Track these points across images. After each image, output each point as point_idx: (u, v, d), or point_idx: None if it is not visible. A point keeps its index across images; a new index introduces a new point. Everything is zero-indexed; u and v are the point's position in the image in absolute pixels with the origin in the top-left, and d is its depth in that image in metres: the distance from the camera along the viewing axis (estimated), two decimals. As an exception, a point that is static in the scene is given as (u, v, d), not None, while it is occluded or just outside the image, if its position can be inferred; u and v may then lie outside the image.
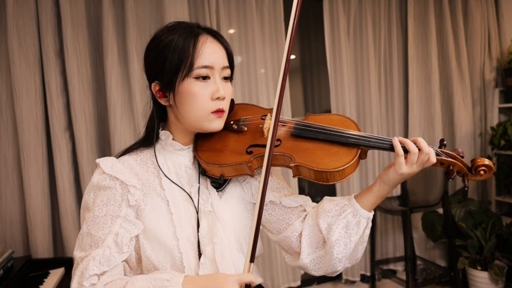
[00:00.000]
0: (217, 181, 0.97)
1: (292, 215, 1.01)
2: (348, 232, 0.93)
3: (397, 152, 0.88)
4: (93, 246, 0.86)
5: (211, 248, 0.93)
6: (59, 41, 2.18)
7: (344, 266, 0.97)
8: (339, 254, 0.93)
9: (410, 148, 0.87)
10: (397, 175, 0.89)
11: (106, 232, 0.87)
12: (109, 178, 0.91)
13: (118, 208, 0.90)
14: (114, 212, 0.90)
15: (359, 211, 0.93)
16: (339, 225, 0.93)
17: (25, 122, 2.11)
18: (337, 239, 0.92)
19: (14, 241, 2.16)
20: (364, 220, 0.93)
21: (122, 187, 0.91)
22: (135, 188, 0.92)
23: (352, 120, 0.97)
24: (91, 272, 0.82)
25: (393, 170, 0.90)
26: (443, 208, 2.66)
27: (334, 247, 0.92)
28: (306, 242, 0.98)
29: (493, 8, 3.14)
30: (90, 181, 0.94)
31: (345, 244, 0.93)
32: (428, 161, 0.88)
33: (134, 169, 0.96)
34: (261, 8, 2.64)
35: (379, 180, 0.93)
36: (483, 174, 0.89)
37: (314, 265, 0.98)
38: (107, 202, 0.90)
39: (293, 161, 0.90)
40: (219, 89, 0.92)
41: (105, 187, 0.91)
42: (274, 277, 2.75)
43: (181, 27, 0.94)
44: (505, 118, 3.11)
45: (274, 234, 1.04)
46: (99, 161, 0.94)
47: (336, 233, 0.92)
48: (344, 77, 2.81)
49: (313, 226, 0.97)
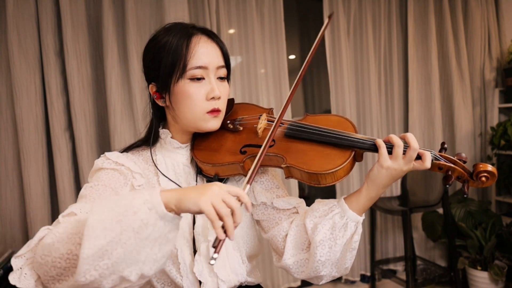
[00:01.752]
0: (212, 181, 0.97)
1: (282, 215, 1.01)
2: (334, 234, 0.89)
3: (378, 144, 0.86)
4: (83, 202, 0.84)
5: (206, 245, 0.93)
6: (59, 41, 2.18)
7: (330, 273, 0.93)
8: (322, 256, 0.89)
9: (394, 141, 0.85)
10: (383, 169, 0.86)
11: (101, 197, 0.86)
12: (115, 163, 0.93)
13: (120, 187, 0.90)
14: (116, 188, 0.89)
15: (346, 212, 0.89)
16: (325, 225, 0.90)
17: (25, 122, 2.11)
18: (321, 240, 0.89)
19: (14, 241, 2.15)
20: (352, 223, 0.89)
21: (128, 171, 0.93)
22: (140, 176, 0.94)
23: (350, 121, 0.96)
24: (72, 209, 0.79)
25: (378, 164, 0.87)
26: (443, 208, 2.66)
27: (318, 247, 0.89)
28: (291, 242, 0.96)
29: (493, 8, 3.14)
30: (94, 164, 0.95)
31: (329, 247, 0.89)
32: (422, 163, 0.84)
33: (136, 164, 0.98)
34: (261, 8, 2.64)
35: (367, 179, 0.90)
36: (485, 181, 0.84)
37: (297, 267, 0.96)
38: (111, 177, 0.91)
39: (284, 162, 0.89)
40: (214, 89, 0.92)
41: (110, 168, 0.92)
42: (274, 277, 2.75)
43: (177, 28, 0.94)
44: (505, 118, 3.11)
45: (264, 232, 1.04)
46: (104, 153, 0.96)
47: (321, 234, 0.89)
48: (344, 77, 2.81)
49: (299, 226, 0.96)
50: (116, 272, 0.65)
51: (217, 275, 0.93)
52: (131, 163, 0.95)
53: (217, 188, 0.68)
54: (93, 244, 0.63)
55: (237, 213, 0.67)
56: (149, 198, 0.66)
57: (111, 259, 0.64)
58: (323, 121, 0.97)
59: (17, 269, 0.72)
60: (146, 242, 0.65)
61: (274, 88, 2.69)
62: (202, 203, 0.65)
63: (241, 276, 0.99)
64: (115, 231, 0.64)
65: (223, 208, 0.65)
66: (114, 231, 0.64)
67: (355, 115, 2.90)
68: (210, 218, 0.65)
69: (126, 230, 0.64)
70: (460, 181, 0.88)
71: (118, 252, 0.64)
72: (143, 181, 0.94)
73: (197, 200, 0.66)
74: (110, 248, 0.63)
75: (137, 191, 0.71)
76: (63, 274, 0.67)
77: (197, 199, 0.66)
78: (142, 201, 0.66)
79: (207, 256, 0.92)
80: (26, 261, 0.72)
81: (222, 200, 0.66)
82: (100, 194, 0.86)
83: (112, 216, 0.65)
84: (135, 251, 0.65)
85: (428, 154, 0.85)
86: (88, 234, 0.63)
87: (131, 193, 0.69)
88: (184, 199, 0.67)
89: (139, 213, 0.65)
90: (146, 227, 0.65)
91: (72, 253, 0.66)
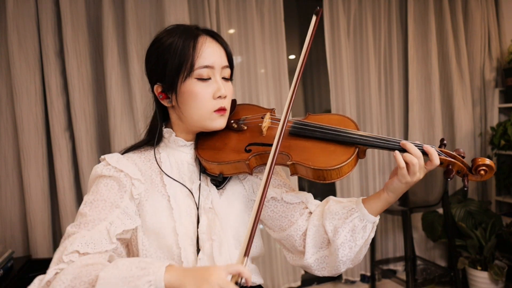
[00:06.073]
0: (217, 179, 0.99)
1: (294, 212, 1.02)
2: (354, 236, 0.93)
3: (399, 164, 0.87)
4: (86, 226, 0.85)
5: (210, 244, 0.94)
6: (59, 41, 2.18)
7: (347, 267, 0.98)
8: (344, 257, 0.94)
9: (412, 161, 0.86)
10: (402, 184, 0.90)
11: (102, 217, 0.87)
12: (114, 169, 0.93)
13: (120, 198, 0.91)
14: (115, 201, 0.90)
15: (366, 216, 0.93)
16: (345, 228, 0.93)
17: (25, 122, 2.11)
18: (342, 242, 0.93)
19: (14, 241, 2.16)
20: (370, 224, 0.94)
21: (127, 179, 0.93)
22: (139, 182, 0.94)
23: (351, 120, 0.98)
24: (74, 247, 0.81)
25: (397, 180, 0.90)
26: (443, 208, 2.66)
27: (339, 250, 0.93)
28: (310, 242, 0.98)
29: (493, 8, 3.14)
30: (93, 170, 0.95)
31: (350, 248, 0.94)
32: (431, 163, 0.87)
33: (138, 165, 0.98)
34: (261, 8, 2.64)
35: (386, 189, 0.93)
36: (484, 175, 0.88)
37: (317, 265, 0.99)
38: (110, 189, 0.91)
39: (290, 159, 0.91)
40: (220, 87, 0.94)
41: (110, 176, 0.92)
42: (274, 277, 2.75)
43: (180, 29, 0.95)
44: (505, 118, 3.11)
45: (276, 232, 1.04)
46: (105, 156, 0.96)
47: (342, 236, 0.93)
48: (344, 77, 2.81)
49: (318, 227, 0.98)
50: None
51: None
52: (132, 166, 0.95)
53: (216, 277, 0.69)
54: None
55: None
56: (153, 279, 0.70)
57: None
58: (326, 120, 0.98)
59: None
60: None
61: (274, 88, 2.69)
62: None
63: None
64: None
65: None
66: None
67: (355, 115, 2.90)
68: None
69: None
70: (460, 175, 0.91)
71: None
72: (142, 188, 0.94)
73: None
74: None
75: (145, 264, 0.75)
76: None
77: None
78: (147, 280, 0.70)
79: (210, 255, 0.93)
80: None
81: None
82: (100, 213, 0.87)
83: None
84: None
85: (434, 152, 0.87)
86: None
87: (140, 267, 0.73)
88: (184, 287, 0.70)
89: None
90: None
91: None
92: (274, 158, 0.85)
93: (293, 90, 0.93)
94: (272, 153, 0.85)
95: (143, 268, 0.72)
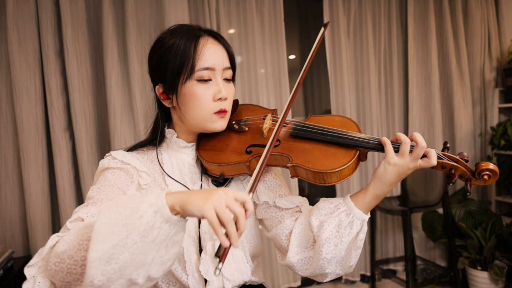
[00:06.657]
0: (217, 180, 0.99)
1: (285, 213, 1.01)
2: (339, 232, 0.90)
3: (384, 142, 0.87)
4: (93, 205, 0.85)
5: (212, 244, 0.94)
6: (59, 41, 2.18)
7: (334, 271, 0.93)
8: (328, 254, 0.90)
9: (401, 138, 0.85)
10: (390, 166, 0.86)
11: (109, 197, 0.86)
12: (121, 162, 0.94)
13: (127, 186, 0.91)
14: (122, 187, 0.90)
15: (352, 210, 0.90)
16: (331, 223, 0.90)
17: (25, 122, 2.11)
18: (327, 238, 0.89)
19: (14, 241, 2.16)
20: (358, 221, 0.90)
21: (134, 171, 0.93)
22: (146, 174, 0.94)
23: (353, 121, 0.97)
24: (79, 215, 0.80)
25: (384, 161, 0.87)
26: (443, 208, 2.66)
27: (324, 245, 0.90)
28: (295, 240, 0.96)
29: (493, 8, 3.14)
30: (100, 164, 0.95)
31: (335, 245, 0.90)
32: (428, 161, 0.85)
33: (142, 163, 0.98)
34: (261, 8, 2.64)
35: (373, 177, 0.90)
36: (487, 179, 0.86)
37: (301, 265, 0.96)
38: (118, 177, 0.91)
39: (290, 162, 0.90)
40: (221, 90, 0.93)
41: (116, 167, 0.93)
42: (274, 277, 2.75)
43: (182, 30, 0.95)
44: (505, 118, 3.11)
45: (267, 231, 1.04)
46: (110, 152, 0.97)
47: (327, 232, 0.90)
48: (344, 77, 2.81)
49: (304, 224, 0.96)
50: (123, 276, 0.66)
51: (222, 274, 0.94)
52: (137, 162, 0.96)
53: (222, 193, 0.66)
54: (100, 247, 0.63)
55: (241, 220, 0.65)
56: (154, 201, 0.66)
57: (118, 263, 0.64)
58: (327, 122, 0.97)
59: (30, 277, 0.73)
60: (152, 245, 0.65)
61: (274, 88, 2.69)
62: (205, 209, 0.64)
63: (245, 275, 0.99)
64: (121, 235, 0.64)
65: (226, 214, 0.64)
66: (120, 235, 0.64)
67: (355, 115, 2.90)
68: (212, 225, 0.63)
69: (132, 233, 0.64)
70: (463, 180, 0.89)
71: (125, 256, 0.64)
72: (149, 180, 0.94)
73: (200, 205, 0.65)
74: (117, 252, 0.64)
75: (144, 194, 0.71)
76: (79, 279, 0.69)
77: (200, 205, 0.64)
78: (148, 204, 0.66)
79: (212, 255, 0.93)
80: (38, 269, 0.74)
81: (227, 206, 0.65)
82: (108, 195, 0.87)
83: (119, 219, 0.65)
84: (141, 254, 0.65)
85: (433, 152, 0.86)
86: (95, 237, 0.64)
87: (138, 196, 0.70)
88: (188, 203, 0.66)
89: (145, 217, 0.65)
90: (151, 230, 0.65)
91: (86, 259, 0.66)
92: (266, 157, 0.83)
93: (293, 95, 0.93)
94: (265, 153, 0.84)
95: (141, 198, 0.69)
